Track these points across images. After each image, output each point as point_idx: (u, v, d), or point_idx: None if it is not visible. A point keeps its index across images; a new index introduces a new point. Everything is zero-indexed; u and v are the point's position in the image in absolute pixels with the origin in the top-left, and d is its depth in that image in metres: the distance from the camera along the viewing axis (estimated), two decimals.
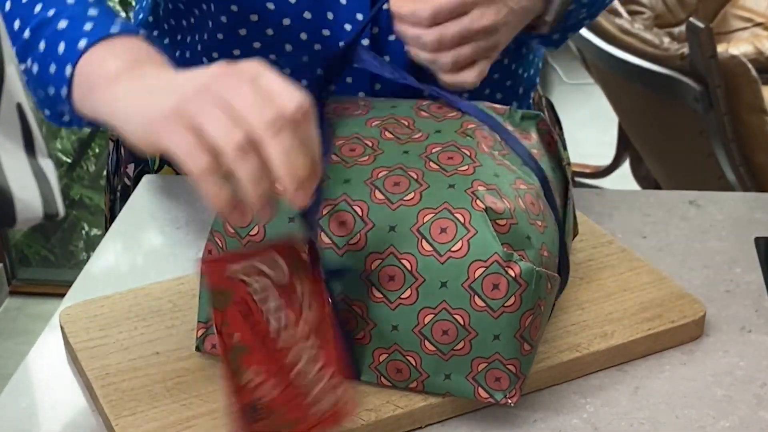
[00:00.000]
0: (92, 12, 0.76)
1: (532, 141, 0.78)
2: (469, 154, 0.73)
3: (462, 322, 0.69)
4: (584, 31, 2.00)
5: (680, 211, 0.98)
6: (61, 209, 0.44)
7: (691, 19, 1.77)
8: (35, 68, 0.76)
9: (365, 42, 0.88)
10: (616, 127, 2.41)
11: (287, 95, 0.61)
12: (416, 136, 0.75)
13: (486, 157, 0.73)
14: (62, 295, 0.86)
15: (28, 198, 0.41)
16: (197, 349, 0.76)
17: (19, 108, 0.43)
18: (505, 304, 0.68)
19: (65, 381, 0.78)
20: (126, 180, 1.07)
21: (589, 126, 3.03)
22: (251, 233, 0.71)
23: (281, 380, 0.57)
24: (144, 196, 1.01)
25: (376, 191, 0.71)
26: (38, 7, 0.77)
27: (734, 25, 2.44)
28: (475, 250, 0.68)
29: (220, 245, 0.73)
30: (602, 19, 1.96)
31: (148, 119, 0.63)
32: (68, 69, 0.73)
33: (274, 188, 0.60)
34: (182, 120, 0.60)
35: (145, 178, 1.04)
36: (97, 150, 2.56)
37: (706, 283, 0.88)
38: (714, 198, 1.00)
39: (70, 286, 0.88)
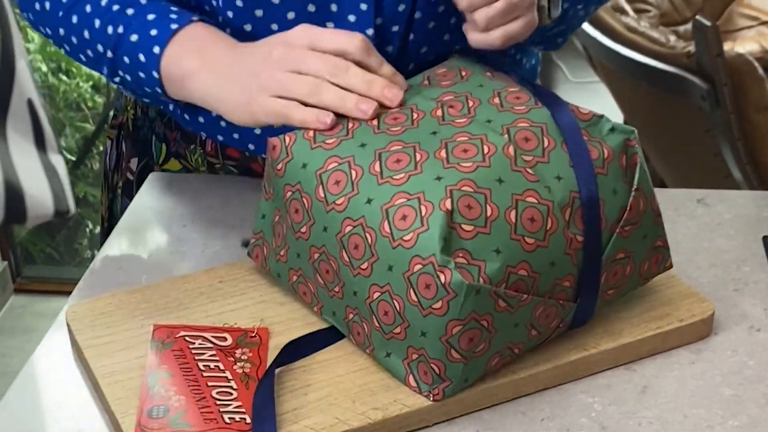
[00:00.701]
0: (150, 17, 0.88)
1: (595, 155, 0.75)
2: (487, 151, 0.72)
3: (399, 309, 0.71)
4: (590, 29, 1.99)
5: (688, 210, 0.98)
6: (72, 206, 0.44)
7: (697, 17, 1.76)
8: (128, 78, 0.89)
9: (369, 32, 0.88)
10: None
11: (343, 41, 0.80)
12: (460, 120, 0.76)
13: (503, 160, 0.72)
14: (67, 293, 0.86)
15: (38, 195, 0.41)
16: (248, 254, 0.84)
17: (30, 104, 0.43)
18: (433, 306, 0.69)
19: (71, 379, 0.78)
20: (129, 175, 1.07)
21: None
22: (280, 253, 0.78)
23: (190, 399, 0.71)
24: (149, 193, 1.01)
25: (377, 163, 0.73)
26: (110, 29, 0.88)
27: (740, 24, 2.43)
28: (420, 246, 0.69)
29: (265, 253, 0.81)
30: (608, 17, 1.96)
31: (238, 101, 0.82)
32: (155, 74, 0.87)
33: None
34: (271, 93, 0.80)
35: (151, 176, 1.03)
36: (101, 147, 2.56)
37: (714, 281, 0.87)
38: (722, 196, 1.00)
39: (74, 283, 0.88)
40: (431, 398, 0.72)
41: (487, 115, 0.76)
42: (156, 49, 0.86)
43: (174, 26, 0.87)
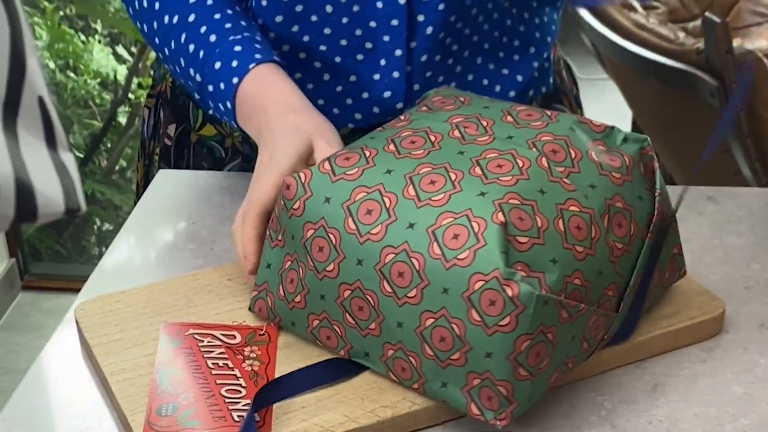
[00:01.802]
0: (237, 48, 0.88)
1: (618, 164, 0.75)
2: (521, 165, 0.71)
3: (458, 333, 0.68)
4: (598, 26, 1.98)
5: (698, 207, 0.97)
6: (82, 204, 0.44)
7: (706, 14, 1.75)
8: (210, 104, 0.91)
9: (402, 1, 0.89)
10: (630, 122, 2.40)
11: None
12: (482, 138, 0.74)
13: (539, 171, 0.71)
14: (74, 290, 0.86)
15: (49, 192, 0.41)
16: (249, 309, 0.80)
17: (41, 101, 0.43)
18: (500, 323, 0.67)
19: (80, 376, 0.78)
20: (167, 140, 1.08)
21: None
22: (296, 300, 0.76)
23: (199, 396, 0.71)
24: (158, 191, 1.01)
25: (410, 187, 0.71)
26: (202, 53, 0.90)
27: (748, 20, 2.42)
28: (479, 262, 0.67)
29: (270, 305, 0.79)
30: (617, 14, 1.95)
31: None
32: (228, 104, 0.88)
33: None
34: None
35: (160, 173, 1.03)
36: (108, 145, 2.56)
37: (724, 279, 0.87)
38: (732, 193, 0.99)
39: (82, 280, 0.88)
40: (498, 425, 0.69)
41: (506, 132, 0.75)
42: (234, 80, 0.88)
43: (252, 65, 0.87)
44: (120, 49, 2.49)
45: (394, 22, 0.93)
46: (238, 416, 0.70)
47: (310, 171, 0.74)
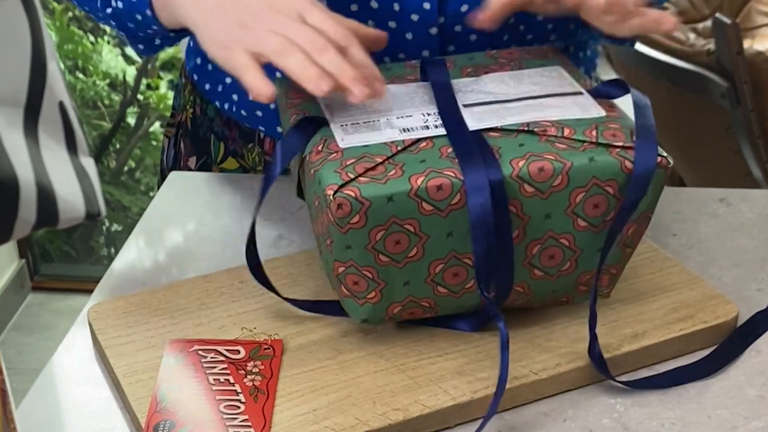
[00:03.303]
0: None
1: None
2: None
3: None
4: None
5: (710, 209, 0.97)
6: (102, 208, 0.44)
7: (717, 15, 1.75)
8: (120, 4, 0.87)
9: (433, 31, 0.88)
10: None
11: (328, 23, 0.76)
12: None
13: None
14: (84, 291, 0.87)
15: (70, 197, 0.41)
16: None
17: (61, 106, 0.43)
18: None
19: (93, 378, 0.78)
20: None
21: None
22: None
23: (197, 413, 0.72)
24: (169, 193, 1.01)
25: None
26: None
27: (759, 21, 2.41)
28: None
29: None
30: None
31: (217, 38, 0.78)
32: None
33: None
34: (245, 46, 0.76)
35: (171, 176, 1.04)
36: (117, 146, 2.57)
37: (737, 281, 0.87)
38: (744, 195, 0.99)
39: (92, 281, 0.88)
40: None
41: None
42: None
43: None
44: (129, 50, 2.49)
45: (425, 53, 0.91)
46: None
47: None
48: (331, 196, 0.70)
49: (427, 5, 0.87)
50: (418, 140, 0.75)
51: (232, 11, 0.79)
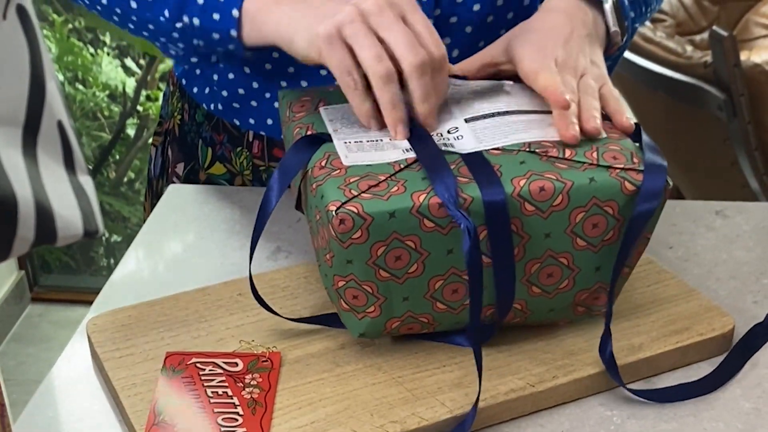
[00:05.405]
0: None
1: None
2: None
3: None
4: None
5: (707, 221, 0.97)
6: (100, 226, 0.44)
7: (714, 27, 1.76)
8: (196, 21, 0.87)
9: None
10: None
11: (434, 41, 0.75)
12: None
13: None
14: (83, 302, 0.87)
15: (68, 215, 0.41)
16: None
17: (60, 125, 0.43)
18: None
19: (92, 391, 0.78)
20: (175, 179, 1.08)
21: None
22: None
23: (195, 426, 0.72)
24: (168, 206, 1.01)
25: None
26: None
27: (756, 33, 2.42)
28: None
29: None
30: None
31: (312, 36, 0.78)
32: (235, 12, 0.84)
33: (406, 114, 0.76)
34: (340, 42, 0.76)
35: (170, 189, 1.04)
36: (117, 157, 2.57)
37: (733, 293, 0.87)
38: (741, 208, 1.00)
39: (91, 292, 0.88)
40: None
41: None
42: None
43: None
44: (128, 62, 2.50)
45: None
46: None
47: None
48: (333, 212, 0.71)
49: None
50: None
51: (318, 8, 0.80)
